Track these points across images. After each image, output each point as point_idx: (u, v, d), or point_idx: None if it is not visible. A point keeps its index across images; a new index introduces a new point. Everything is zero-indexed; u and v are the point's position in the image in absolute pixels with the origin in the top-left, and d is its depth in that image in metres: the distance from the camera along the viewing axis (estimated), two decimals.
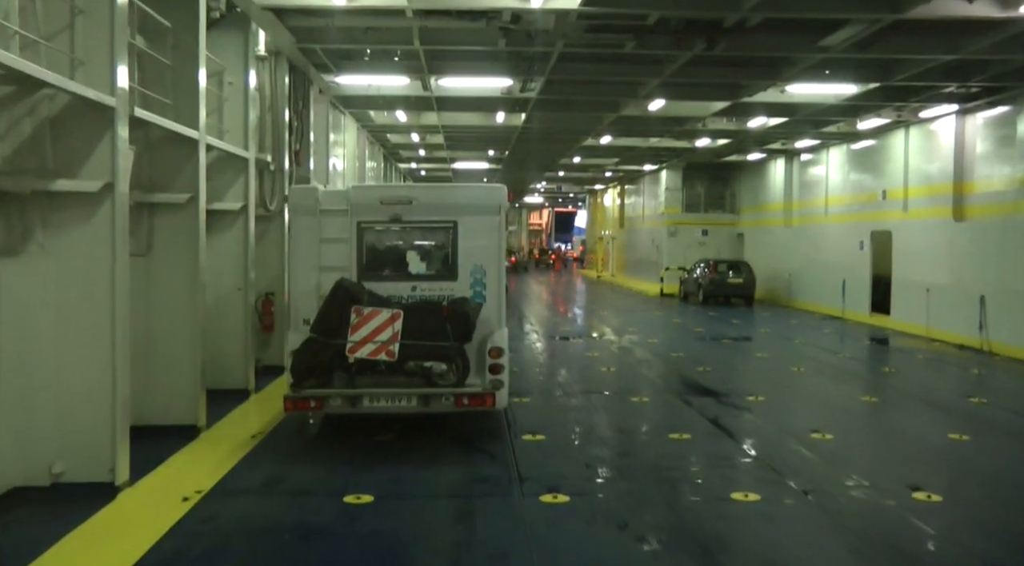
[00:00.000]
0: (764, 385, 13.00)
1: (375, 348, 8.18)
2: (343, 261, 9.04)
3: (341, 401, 8.35)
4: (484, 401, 8.53)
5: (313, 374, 8.33)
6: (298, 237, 9.29)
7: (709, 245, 34.09)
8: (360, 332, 8.21)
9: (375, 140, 25.61)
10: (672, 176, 34.28)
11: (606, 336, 19.25)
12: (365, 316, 8.25)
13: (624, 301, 30.59)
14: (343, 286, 8.56)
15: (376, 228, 9.18)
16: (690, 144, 26.04)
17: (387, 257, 9.35)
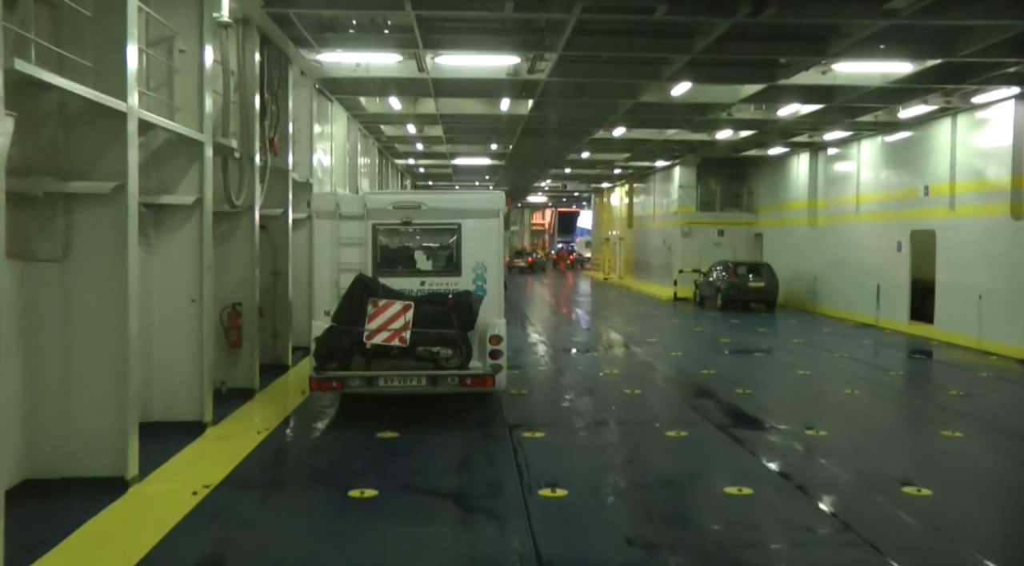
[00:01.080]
0: (820, 414, 11.02)
1: (389, 335, 9.15)
2: (360, 259, 10.15)
3: (359, 381, 9.39)
4: (485, 382, 9.47)
5: (334, 358, 9.33)
6: (320, 238, 10.40)
7: (725, 246, 32.11)
8: (376, 321, 9.20)
9: (368, 133, 23.64)
10: (686, 173, 32.29)
11: (622, 347, 17.27)
12: (380, 307, 9.24)
13: (636, 306, 28.60)
14: (361, 281, 9.57)
15: (389, 230, 10.24)
16: (709, 137, 24.04)
17: (399, 255, 10.41)
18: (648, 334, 19.57)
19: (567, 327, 21.65)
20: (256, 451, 8.59)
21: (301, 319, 15.32)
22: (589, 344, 17.87)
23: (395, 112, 19.44)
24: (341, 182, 19.91)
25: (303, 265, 15.58)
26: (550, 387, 12.71)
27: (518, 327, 20.85)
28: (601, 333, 20.40)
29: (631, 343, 17.83)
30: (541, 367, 14.73)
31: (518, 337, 18.65)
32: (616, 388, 12.52)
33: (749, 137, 23.71)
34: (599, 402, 11.65)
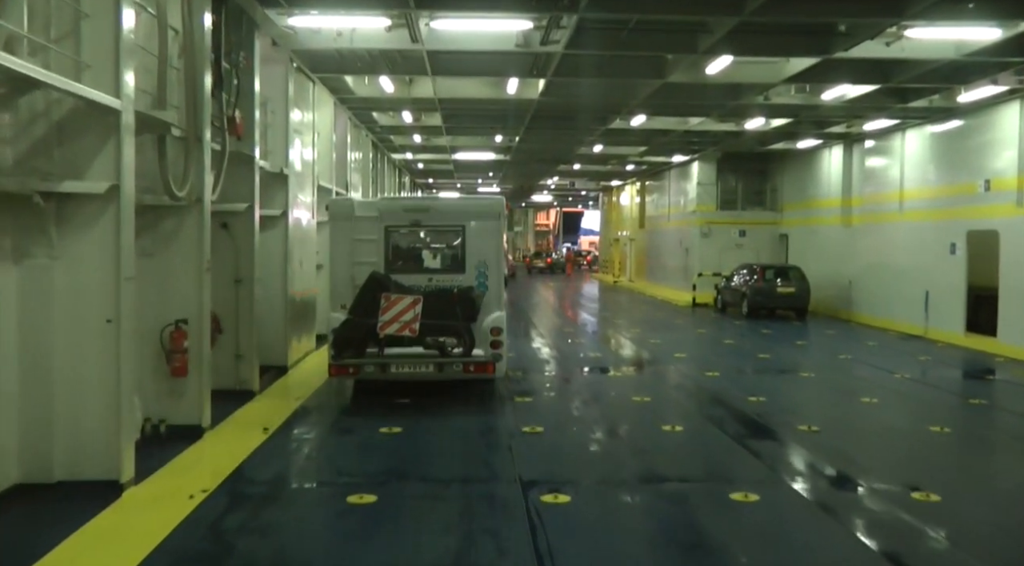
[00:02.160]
0: (916, 465, 8.72)
1: (400, 326, 9.90)
2: (374, 257, 10.91)
3: (373, 368, 10.18)
4: (486, 368, 10.29)
5: (351, 346, 10.15)
6: (337, 238, 11.14)
7: (747, 247, 29.80)
8: (388, 314, 9.92)
9: (359, 123, 21.36)
10: (705, 169, 29.97)
11: (649, 366, 14.97)
12: (392, 301, 9.98)
13: (654, 313, 26.28)
14: (375, 277, 10.34)
15: (400, 231, 11.08)
16: (736, 127, 21.73)
17: (409, 254, 11.30)
18: (674, 347, 17.27)
19: (581, 338, 19.34)
20: (185, 527, 6.29)
21: (271, 334, 13.10)
22: (609, 360, 15.56)
23: (387, 96, 17.15)
24: (327, 176, 17.64)
25: (276, 270, 13.35)
26: (570, 422, 10.41)
27: (526, 338, 18.58)
28: (621, 346, 18.09)
29: (657, 360, 15.53)
30: (556, 393, 12.45)
31: (527, 351, 16.38)
32: (651, 424, 10.22)
33: (781, 127, 21.41)
34: (635, 445, 9.35)
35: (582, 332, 21.01)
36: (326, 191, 17.68)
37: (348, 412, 10.87)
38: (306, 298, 15.12)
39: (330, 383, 12.44)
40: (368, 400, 11.29)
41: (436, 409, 10.66)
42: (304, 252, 15.04)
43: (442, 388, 11.45)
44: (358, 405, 11.27)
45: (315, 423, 10.23)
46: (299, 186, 14.47)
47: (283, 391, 11.88)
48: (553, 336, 19.44)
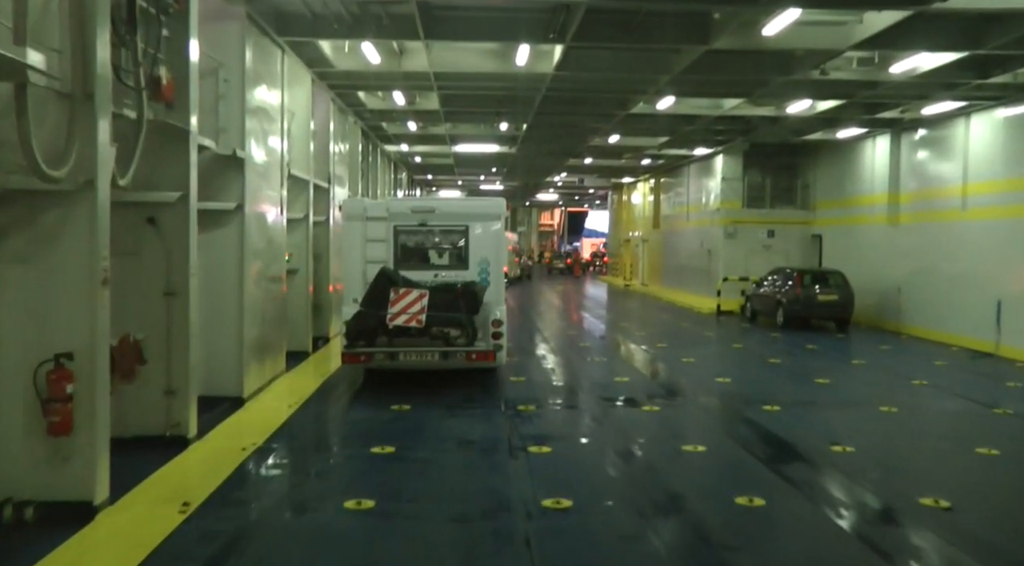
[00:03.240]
0: None
1: (408, 318, 10.75)
2: (383, 254, 11.81)
3: (383, 356, 11.02)
4: (488, 357, 11.19)
5: (362, 336, 10.96)
6: (349, 237, 11.99)
7: (776, 249, 27.11)
8: (397, 306, 10.78)
9: (345, 107, 18.70)
10: (730, 163, 27.27)
11: (690, 396, 12.28)
12: (400, 295, 10.84)
13: (676, 322, 23.58)
14: (385, 273, 11.17)
15: (408, 230, 12.00)
16: (776, 111, 19.04)
17: (416, 252, 12.16)
18: (712, 368, 14.61)
19: (601, 356, 16.63)
20: None
21: (222, 358, 10.50)
22: (640, 387, 12.86)
23: (374, 70, 14.45)
24: (303, 166, 15.00)
25: (229, 277, 10.72)
26: (607, 488, 7.70)
27: (538, 354, 15.90)
28: (651, 367, 15.39)
29: (698, 387, 12.83)
30: (584, 438, 9.76)
31: (539, 373, 13.72)
32: (717, 489, 7.55)
33: (826, 112, 18.69)
34: (710, 525, 6.66)
35: (601, 347, 18.30)
36: (302, 183, 15.03)
37: (318, 475, 8.20)
38: (273, 309, 12.46)
39: (299, 420, 9.85)
40: (346, 453, 8.66)
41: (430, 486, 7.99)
42: (271, 254, 12.38)
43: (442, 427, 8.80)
44: (326, 459, 8.62)
45: (265, 489, 7.57)
46: (262, 175, 11.81)
47: (231, 435, 9.20)
48: (568, 352, 16.74)
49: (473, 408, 10.91)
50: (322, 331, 16.95)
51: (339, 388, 12.25)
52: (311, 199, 15.35)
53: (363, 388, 12.27)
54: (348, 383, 12.72)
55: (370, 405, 11.07)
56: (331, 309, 17.45)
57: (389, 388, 11.90)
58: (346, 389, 12.27)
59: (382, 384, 12.17)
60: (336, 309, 17.62)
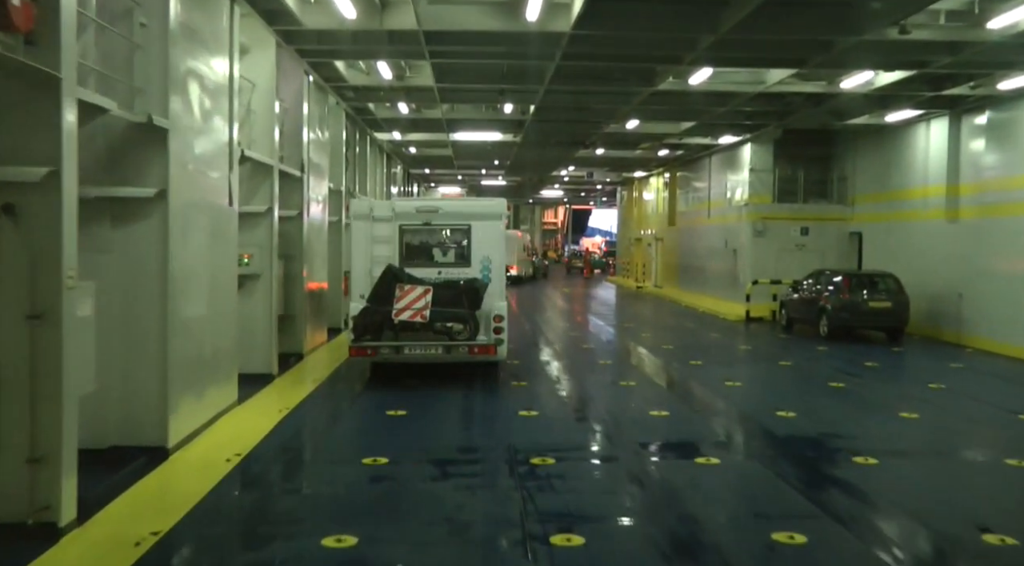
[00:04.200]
0: None
1: (413, 313, 11.06)
2: (389, 252, 12.09)
3: (388, 350, 11.42)
4: (489, 351, 11.55)
5: (369, 331, 11.31)
6: (357, 236, 12.29)
7: (811, 248, 24.39)
8: (402, 302, 11.08)
9: (324, 84, 16.01)
10: (759, 152, 24.54)
11: (744, 437, 9.60)
12: (405, 291, 11.15)
13: (704, 331, 20.89)
14: (390, 270, 11.50)
15: (413, 229, 12.35)
16: (828, 87, 16.30)
17: (420, 250, 12.44)
18: (768, 397, 11.96)
19: (629, 377, 13.87)
20: None
21: (136, 398, 7.85)
22: (686, 427, 10.16)
23: (349, 27, 11.70)
24: (265, 148, 12.35)
25: (146, 286, 8.08)
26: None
27: (553, 375, 13.24)
28: (690, 394, 12.68)
29: (758, 424, 10.11)
30: (626, 516, 7.00)
31: (554, 405, 11.06)
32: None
33: (884, 88, 15.97)
34: None
35: (625, 365, 15.57)
36: (263, 169, 12.38)
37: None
38: (219, 325, 9.78)
39: (235, 483, 7.22)
40: (291, 546, 5.95)
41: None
42: (215, 256, 9.72)
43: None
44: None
45: None
46: (200, 155, 9.13)
47: (128, 517, 6.50)
48: (588, 372, 14.05)
49: (471, 463, 8.24)
50: (294, 346, 14.30)
51: (302, 427, 9.59)
52: (276, 189, 12.66)
53: (332, 424, 9.63)
54: (315, 416, 10.07)
55: (336, 456, 8.42)
56: (307, 319, 14.80)
57: (367, 430, 9.28)
58: (310, 428, 9.61)
59: (356, 424, 9.56)
60: (310, 319, 15.04)
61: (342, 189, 19.08)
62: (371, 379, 12.69)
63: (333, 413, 10.57)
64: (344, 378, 12.93)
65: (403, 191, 35.52)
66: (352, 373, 13.47)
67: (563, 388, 12.61)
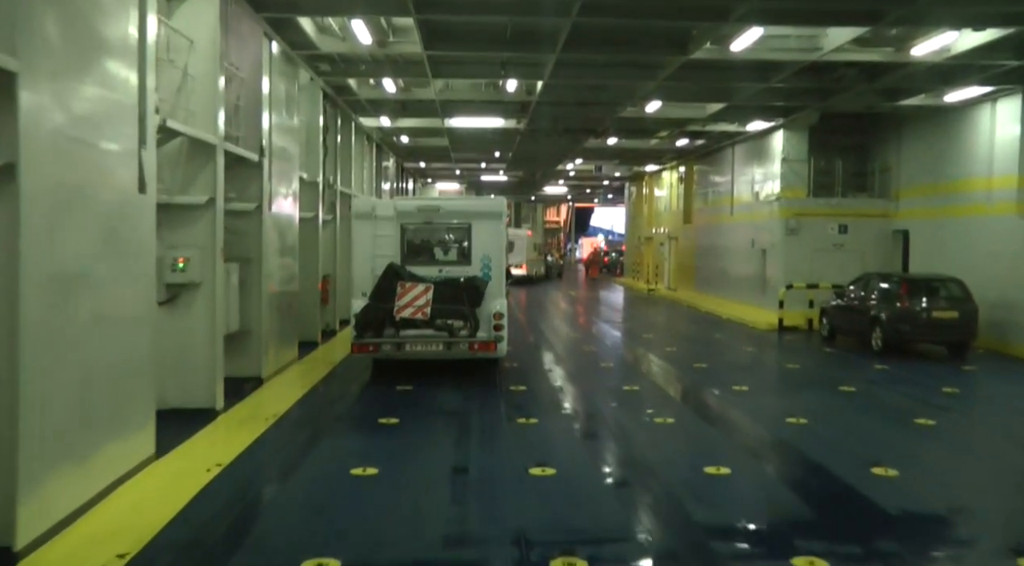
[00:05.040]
0: None
1: (414, 310, 11.26)
2: (391, 251, 12.25)
3: (390, 347, 11.53)
4: (489, 347, 11.57)
5: (371, 327, 11.46)
6: (359, 235, 12.43)
7: (848, 248, 21.78)
8: (403, 299, 11.27)
9: (293, 53, 13.37)
10: (793, 140, 21.89)
11: (844, 511, 6.94)
12: (407, 288, 11.34)
13: (735, 343, 18.26)
14: (392, 268, 11.67)
15: (414, 228, 12.60)
16: (896, 54, 13.67)
17: (422, 248, 12.75)
18: (846, 442, 9.32)
19: (663, 412, 11.20)
20: None
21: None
22: (756, 494, 7.53)
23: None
24: (205, 122, 9.75)
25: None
26: None
27: (565, 413, 10.62)
28: (748, 437, 10.04)
29: (852, 490, 7.45)
30: None
31: (574, 459, 8.44)
32: None
33: (962, 55, 13.34)
34: None
35: (658, 393, 12.90)
36: (204, 149, 9.77)
37: None
38: (112, 358, 7.13)
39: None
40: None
41: None
42: (119, 258, 7.10)
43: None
44: None
45: None
46: (81, 117, 6.47)
47: None
48: (613, 404, 11.38)
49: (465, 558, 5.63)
50: (250, 369, 11.73)
51: (234, 499, 6.94)
52: (220, 175, 10.02)
53: (277, 492, 7.02)
54: (257, 477, 7.47)
55: (269, 554, 5.78)
56: (268, 335, 12.22)
57: (321, 503, 6.65)
58: (244, 501, 6.98)
59: (308, 492, 6.93)
60: (273, 335, 12.49)
61: (319, 181, 16.44)
62: (342, 415, 10.08)
63: (282, 471, 7.93)
64: (309, 412, 10.31)
65: (396, 188, 32.86)
66: (319, 403, 10.85)
67: (584, 427, 9.97)
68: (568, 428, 9.79)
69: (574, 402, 11.41)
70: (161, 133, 8.29)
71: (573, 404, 11.27)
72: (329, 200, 17.99)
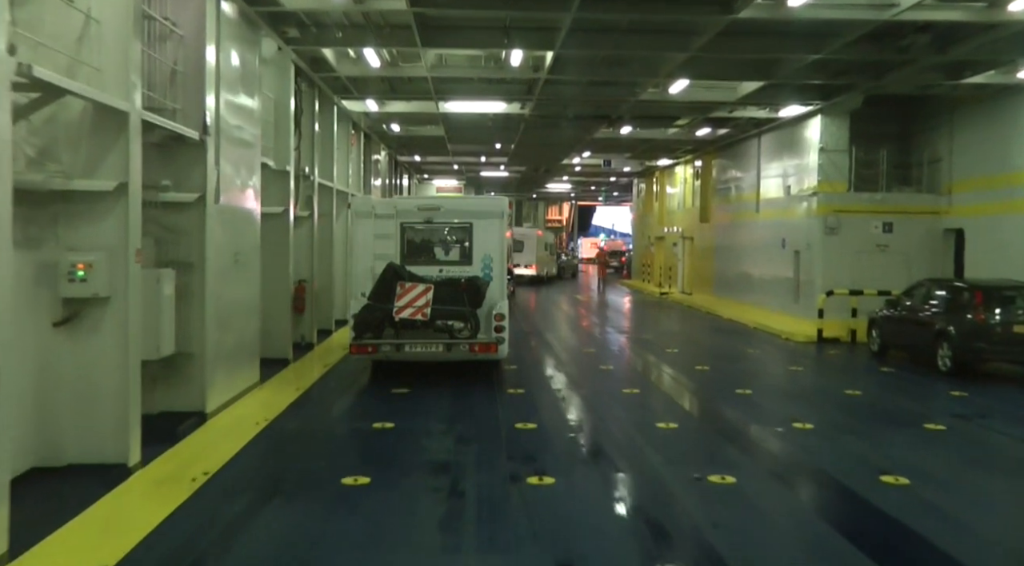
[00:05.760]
0: None
1: (413, 311, 11.12)
2: (390, 250, 12.14)
3: (389, 348, 11.35)
4: (490, 349, 11.42)
5: (370, 329, 11.32)
6: (358, 234, 12.31)
7: (894, 249, 19.36)
8: (403, 300, 11.13)
9: (251, 12, 10.95)
10: (832, 127, 19.44)
11: None
12: (407, 289, 11.19)
13: (772, 360, 15.86)
14: (392, 268, 11.51)
15: (414, 227, 12.38)
16: (988, 11, 11.25)
17: (422, 248, 12.47)
18: (969, 517, 6.89)
19: (718, 468, 8.80)
20: None
21: None
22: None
23: None
24: (117, 86, 7.31)
25: None
26: None
27: (581, 474, 8.21)
28: (832, 506, 7.62)
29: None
30: None
31: (604, 539, 5.98)
32: None
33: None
34: None
35: (700, 430, 10.48)
36: (111, 116, 7.33)
37: None
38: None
39: None
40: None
41: None
42: None
43: None
44: None
45: None
46: None
47: None
48: (644, 443, 8.95)
49: None
50: (187, 403, 9.32)
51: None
52: (133, 153, 7.58)
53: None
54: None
55: None
56: (215, 357, 9.83)
57: None
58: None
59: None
60: (224, 356, 10.08)
61: (289, 170, 14.02)
62: (304, 470, 7.68)
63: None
64: (256, 466, 7.87)
65: (390, 184, 30.42)
66: (274, 449, 8.42)
67: (614, 491, 7.54)
68: (596, 492, 7.36)
69: (595, 440, 8.97)
70: (30, 90, 5.87)
71: (594, 444, 8.83)
72: (304, 193, 15.59)
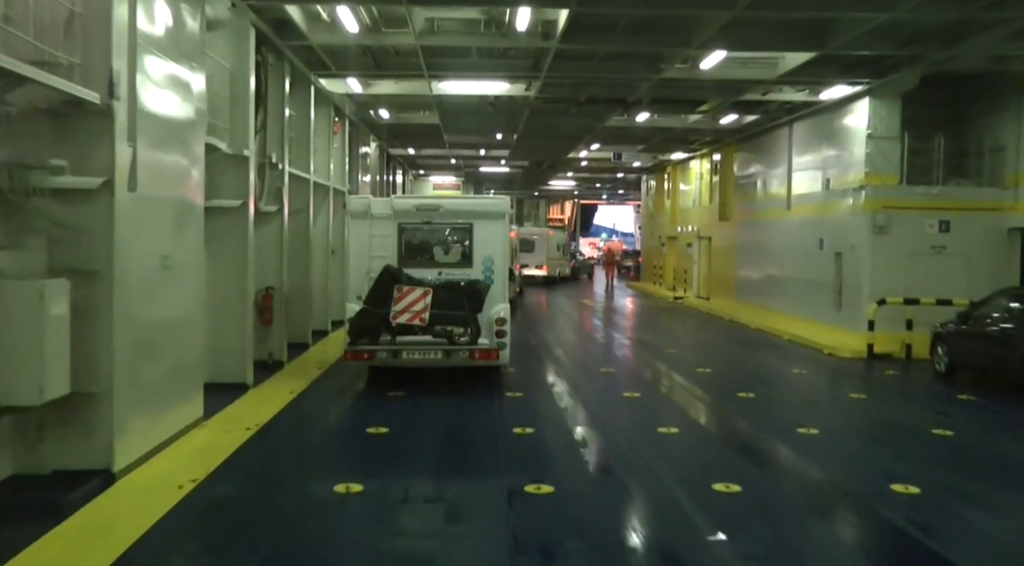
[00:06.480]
0: None
1: (411, 316, 10.74)
2: (388, 252, 11.75)
3: (386, 354, 11.02)
4: (491, 355, 11.15)
5: (366, 333, 10.95)
6: (354, 235, 11.97)
7: (951, 251, 16.94)
8: (401, 304, 10.74)
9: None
10: (882, 111, 16.95)
11: None
12: (404, 292, 10.80)
13: (826, 384, 13.53)
14: (389, 270, 11.09)
15: (413, 228, 11.98)
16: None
17: (420, 249, 12.10)
18: None
19: (805, 548, 6.44)
20: None
21: None
22: None
23: None
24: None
25: None
26: None
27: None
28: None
29: None
30: None
31: None
32: None
33: None
34: None
35: (769, 498, 8.08)
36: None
37: None
38: None
39: None
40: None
41: None
42: None
43: None
44: None
45: None
46: None
47: None
48: (697, 520, 6.58)
49: None
50: (89, 458, 6.96)
51: None
52: None
53: None
54: None
55: None
56: (128, 397, 7.45)
57: None
58: None
59: None
60: (147, 392, 7.66)
61: (247, 155, 11.63)
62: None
63: None
64: (171, 540, 5.49)
65: (382, 179, 28.05)
66: (199, 527, 6.00)
67: None
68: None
69: (629, 503, 6.59)
70: None
71: (627, 509, 6.45)
72: (272, 184, 13.22)
